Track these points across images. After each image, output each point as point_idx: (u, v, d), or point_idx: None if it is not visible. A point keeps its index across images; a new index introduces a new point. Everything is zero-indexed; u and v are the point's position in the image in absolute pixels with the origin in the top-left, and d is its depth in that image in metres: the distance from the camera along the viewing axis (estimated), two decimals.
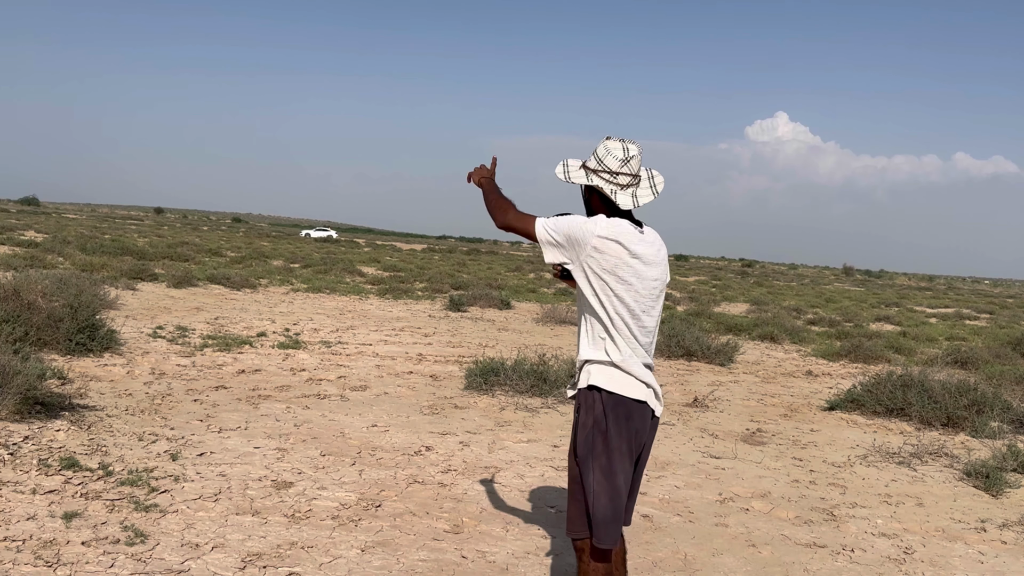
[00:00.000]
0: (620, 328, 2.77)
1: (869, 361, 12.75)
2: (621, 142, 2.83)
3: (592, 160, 2.86)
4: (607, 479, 2.74)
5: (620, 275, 2.75)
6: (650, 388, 2.81)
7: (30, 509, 3.80)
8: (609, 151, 2.81)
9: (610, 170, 2.80)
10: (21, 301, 7.49)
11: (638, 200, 2.82)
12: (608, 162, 2.81)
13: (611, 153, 2.81)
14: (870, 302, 33.88)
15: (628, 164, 2.80)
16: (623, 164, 2.80)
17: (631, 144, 2.83)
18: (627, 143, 2.83)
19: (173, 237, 38.73)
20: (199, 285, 16.00)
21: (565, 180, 2.87)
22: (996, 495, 5.59)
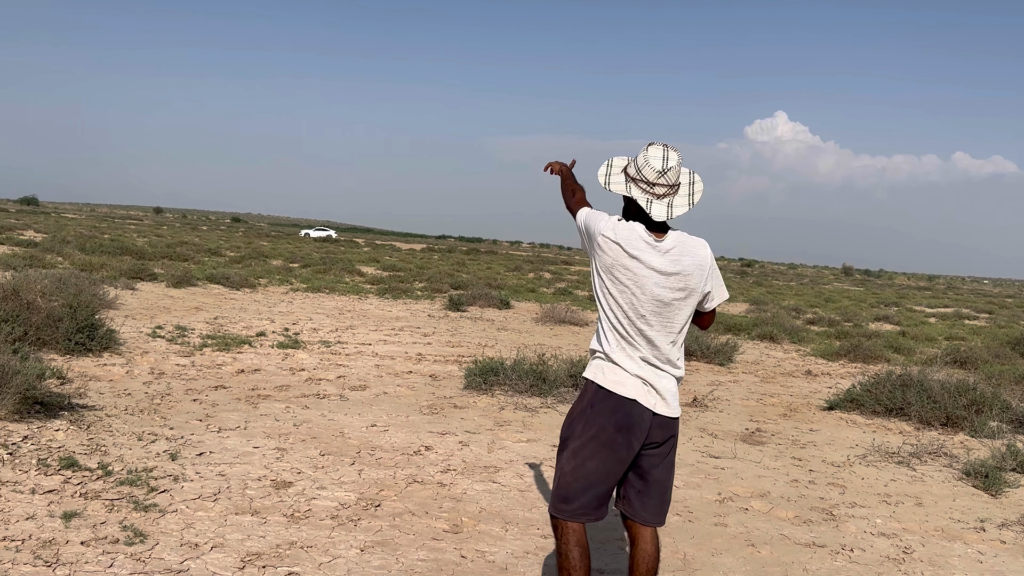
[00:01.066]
0: (616, 325, 2.87)
1: (868, 361, 12.76)
2: (663, 149, 2.86)
3: (632, 166, 2.91)
4: (575, 458, 2.87)
5: (616, 276, 2.85)
6: (649, 387, 2.84)
7: (29, 509, 3.80)
8: (648, 161, 2.85)
9: (648, 180, 2.85)
10: (20, 301, 7.49)
11: (672, 211, 2.85)
12: (646, 172, 2.85)
13: (649, 163, 2.84)
14: (869, 302, 33.90)
15: (665, 175, 2.84)
16: (660, 175, 2.83)
17: (672, 152, 2.86)
18: (668, 151, 2.86)
19: (172, 237, 38.73)
20: (198, 285, 16.00)
21: (604, 187, 2.94)
22: (995, 495, 5.59)
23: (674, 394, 2.90)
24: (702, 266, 2.90)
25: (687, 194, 2.90)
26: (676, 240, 2.88)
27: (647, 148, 2.89)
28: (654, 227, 2.87)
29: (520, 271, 36.26)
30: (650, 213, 2.83)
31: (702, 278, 2.90)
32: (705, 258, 2.91)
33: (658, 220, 2.83)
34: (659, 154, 2.85)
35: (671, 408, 2.88)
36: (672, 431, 2.92)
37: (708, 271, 2.92)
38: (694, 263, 2.88)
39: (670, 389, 2.89)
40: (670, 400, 2.88)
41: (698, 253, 2.90)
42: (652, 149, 2.87)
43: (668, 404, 2.88)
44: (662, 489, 2.96)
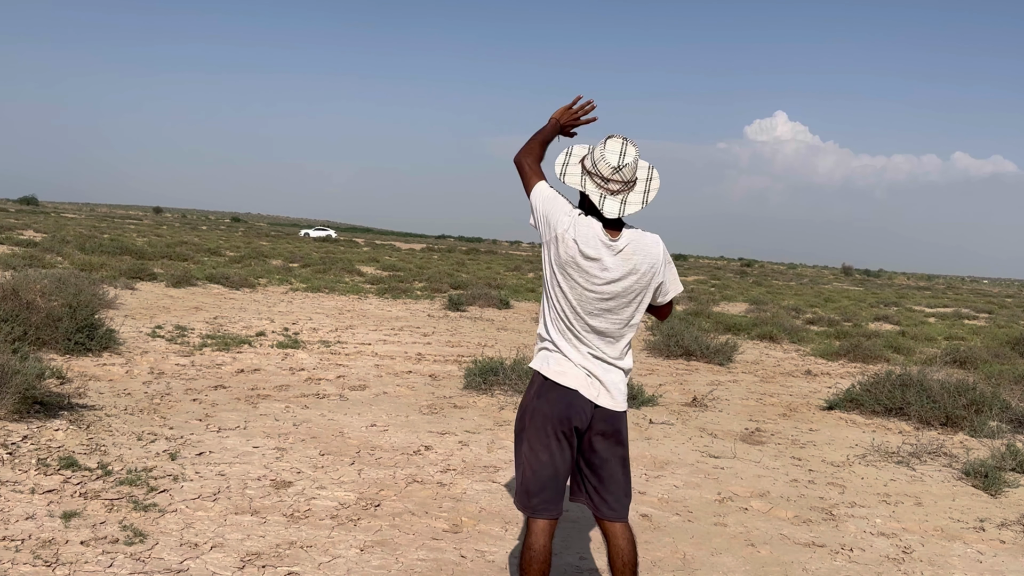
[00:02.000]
0: (563, 316, 2.88)
1: (868, 360, 12.76)
2: (622, 143, 2.82)
3: (589, 159, 2.87)
4: (530, 451, 2.89)
5: (568, 272, 2.84)
6: (593, 378, 2.86)
7: (29, 508, 3.80)
8: (604, 155, 2.81)
9: (602, 175, 2.82)
10: (20, 300, 7.49)
11: (626, 208, 2.82)
12: (601, 167, 2.82)
13: (605, 158, 2.81)
14: (869, 301, 33.90)
15: (620, 172, 2.81)
16: (615, 172, 2.80)
17: (630, 147, 2.82)
18: (627, 146, 2.81)
19: (172, 236, 38.72)
20: (198, 285, 15.99)
21: (559, 178, 2.90)
22: (995, 494, 5.59)
23: (620, 387, 2.90)
24: (654, 264, 2.89)
25: (643, 191, 2.87)
26: (630, 238, 2.86)
27: (605, 141, 2.84)
28: (609, 224, 2.85)
29: (520, 271, 36.27)
30: (602, 210, 2.81)
31: (654, 275, 2.90)
32: (658, 255, 2.90)
33: (610, 217, 2.81)
34: (616, 148, 2.81)
35: (615, 401, 2.88)
36: (617, 424, 2.91)
37: (661, 267, 2.91)
38: (646, 261, 2.87)
39: (615, 382, 2.89)
40: (614, 393, 2.88)
41: (651, 251, 2.88)
42: (610, 143, 2.83)
43: (612, 397, 2.88)
44: (618, 483, 2.95)
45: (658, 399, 8.07)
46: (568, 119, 3.12)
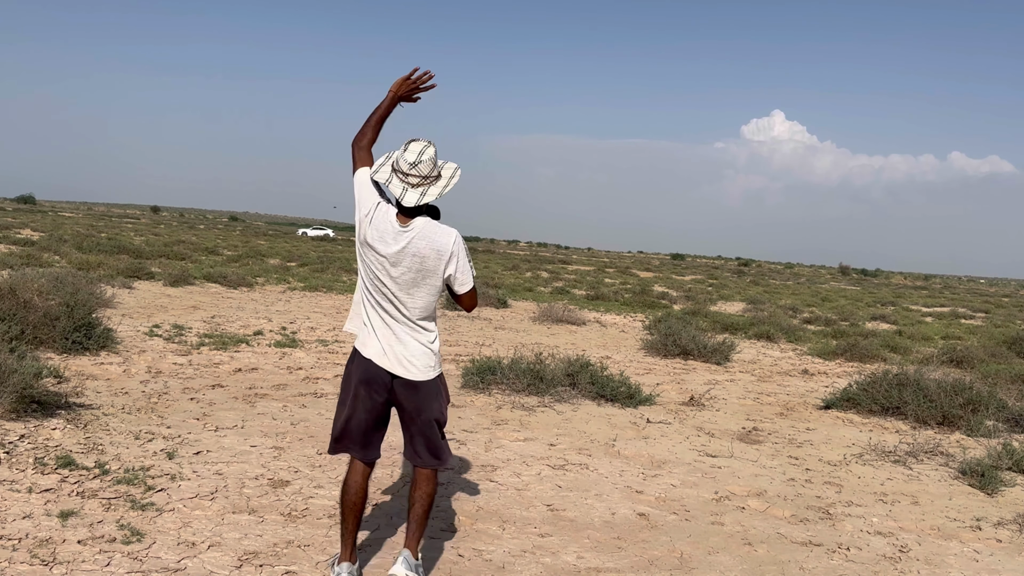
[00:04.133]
0: (366, 291, 3.31)
1: (865, 360, 12.78)
2: (421, 146, 3.21)
3: (395, 159, 3.28)
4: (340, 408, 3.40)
5: (364, 252, 3.28)
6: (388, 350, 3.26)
7: (26, 508, 3.80)
8: (404, 155, 3.22)
9: (403, 171, 3.22)
10: (17, 299, 7.48)
11: (423, 199, 3.21)
12: (401, 164, 3.22)
13: (405, 157, 3.22)
14: (866, 301, 33.96)
15: (416, 167, 3.20)
16: (412, 167, 3.20)
17: (429, 148, 3.22)
18: (426, 148, 3.21)
19: (170, 236, 38.68)
20: (196, 284, 15.98)
21: (372, 175, 3.29)
22: (991, 494, 5.60)
23: (415, 358, 3.28)
24: (440, 251, 3.25)
25: (443, 185, 3.27)
26: (421, 227, 3.24)
27: (408, 144, 3.24)
28: (404, 212, 3.25)
29: (517, 270, 36.28)
30: (402, 200, 3.21)
31: (439, 261, 3.25)
32: (445, 245, 3.26)
33: (407, 206, 3.21)
34: (416, 149, 3.22)
35: (410, 372, 3.27)
36: (414, 390, 3.30)
37: (449, 257, 3.27)
38: (431, 247, 3.23)
39: (409, 354, 3.27)
40: (408, 365, 3.27)
41: (439, 241, 3.25)
42: (412, 145, 3.23)
43: (406, 368, 3.27)
44: (425, 439, 3.40)
45: (655, 398, 8.08)
46: (406, 89, 3.47)
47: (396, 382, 3.29)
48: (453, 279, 3.33)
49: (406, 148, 3.23)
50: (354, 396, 3.32)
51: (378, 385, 3.29)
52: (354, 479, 3.40)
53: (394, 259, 3.22)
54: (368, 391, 3.30)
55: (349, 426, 3.36)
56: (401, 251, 3.21)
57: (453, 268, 3.30)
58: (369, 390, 3.29)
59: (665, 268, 64.29)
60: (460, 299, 3.43)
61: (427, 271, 3.25)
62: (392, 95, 3.46)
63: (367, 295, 3.32)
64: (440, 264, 3.27)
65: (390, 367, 3.27)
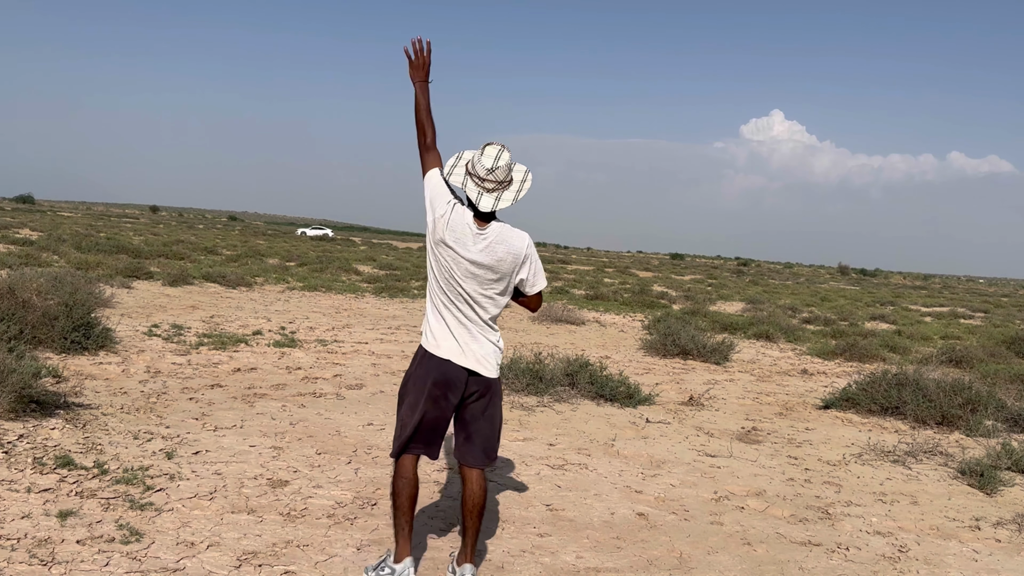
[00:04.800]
0: (439, 291, 3.34)
1: (864, 360, 12.78)
2: (497, 151, 3.26)
3: (470, 163, 3.31)
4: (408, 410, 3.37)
5: (439, 253, 3.30)
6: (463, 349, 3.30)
7: (25, 508, 3.79)
8: (481, 159, 3.26)
9: (479, 176, 3.27)
10: (16, 299, 7.47)
11: (499, 204, 3.27)
12: (477, 169, 3.27)
13: (481, 162, 3.26)
14: (865, 301, 33.96)
15: (493, 173, 3.25)
16: (489, 173, 3.25)
17: (504, 153, 3.26)
18: (502, 152, 3.26)
19: (168, 235, 38.65)
20: (195, 283, 15.97)
21: (445, 176, 3.34)
22: (990, 493, 5.61)
23: (487, 356, 3.34)
24: (516, 255, 3.32)
25: (516, 190, 3.31)
26: (497, 230, 3.30)
27: (484, 148, 3.29)
28: (480, 215, 3.29)
29: None
30: (478, 205, 3.26)
31: (514, 264, 3.33)
32: (520, 248, 3.33)
33: (484, 211, 3.26)
34: (492, 154, 3.26)
35: (485, 369, 3.34)
36: (487, 387, 3.37)
37: (523, 260, 3.35)
38: (508, 251, 3.30)
39: (484, 352, 3.33)
40: (485, 362, 3.33)
41: (514, 244, 3.32)
42: (488, 149, 3.28)
43: (482, 365, 3.33)
44: (485, 438, 3.44)
45: (655, 398, 8.08)
46: (423, 73, 3.49)
47: (470, 380, 3.34)
48: (524, 282, 3.41)
49: (483, 152, 3.28)
50: (428, 397, 3.32)
51: (455, 385, 3.32)
52: (409, 474, 3.41)
53: (472, 261, 3.27)
54: (444, 391, 3.32)
55: (421, 428, 3.36)
56: (479, 254, 3.26)
57: (526, 271, 3.39)
58: (446, 390, 3.32)
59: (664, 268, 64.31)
60: (528, 301, 3.50)
61: (503, 274, 3.32)
62: (419, 84, 3.49)
63: (439, 295, 3.34)
64: (515, 267, 3.35)
65: (468, 365, 3.31)
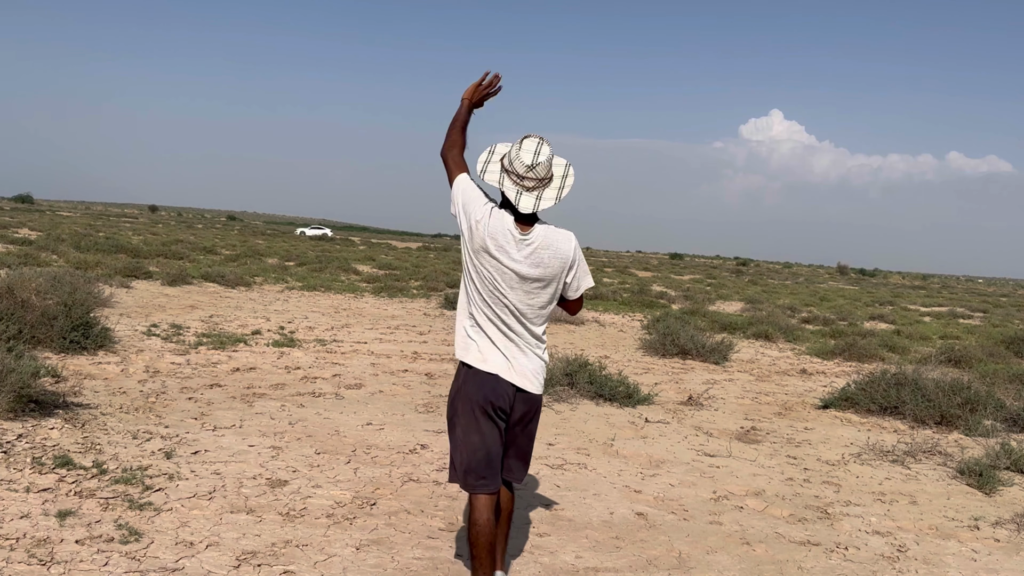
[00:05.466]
0: (480, 303, 3.06)
1: (863, 359, 12.79)
2: (537, 143, 2.99)
3: (507, 158, 3.05)
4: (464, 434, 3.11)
5: (481, 261, 3.02)
6: (511, 364, 3.05)
7: (24, 507, 3.79)
8: (519, 155, 2.99)
9: (518, 173, 2.99)
10: (15, 299, 7.47)
11: (540, 204, 2.99)
12: (516, 165, 2.99)
13: (520, 157, 2.98)
14: (864, 300, 33.98)
15: (534, 170, 2.98)
16: (529, 170, 2.98)
17: (544, 147, 2.99)
18: (541, 146, 2.99)
19: (167, 235, 38.64)
20: (194, 283, 15.97)
21: (479, 175, 3.08)
22: (989, 493, 5.61)
23: (536, 372, 3.10)
24: (564, 259, 3.06)
25: (558, 187, 3.04)
26: (541, 234, 3.03)
27: (522, 141, 3.01)
28: (522, 218, 3.02)
29: None
30: (517, 206, 2.98)
31: (562, 270, 3.08)
32: (567, 252, 3.07)
33: (524, 212, 2.98)
34: (531, 148, 2.98)
35: (533, 385, 3.09)
36: (534, 405, 3.13)
37: (570, 263, 3.09)
38: (555, 256, 3.04)
39: (533, 367, 3.09)
40: (533, 377, 3.09)
41: (561, 248, 3.06)
42: (526, 142, 3.00)
43: (530, 381, 3.08)
44: (523, 455, 3.27)
45: (654, 398, 8.08)
46: (479, 96, 3.27)
47: (517, 397, 3.08)
48: (568, 286, 3.16)
49: (520, 146, 3.01)
50: (483, 417, 3.05)
51: (504, 402, 3.05)
52: (486, 515, 3.09)
53: (517, 269, 2.99)
54: (495, 409, 3.05)
55: (479, 455, 3.07)
56: (524, 260, 3.00)
57: (573, 275, 3.14)
58: (496, 408, 3.05)
59: (663, 267, 64.32)
60: (568, 305, 3.26)
61: (550, 280, 3.07)
62: (468, 103, 3.25)
63: (481, 306, 3.05)
64: (563, 272, 3.09)
65: (517, 381, 3.05)
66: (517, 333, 3.06)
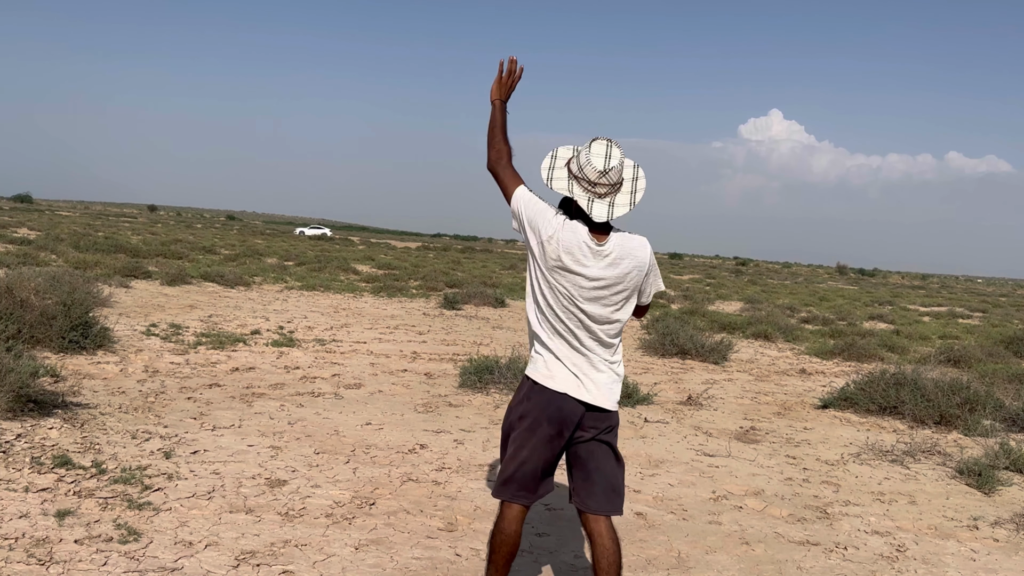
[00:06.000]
0: (551, 319, 2.88)
1: (862, 359, 12.79)
2: (607, 146, 2.81)
3: (575, 162, 2.86)
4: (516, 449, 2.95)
5: (555, 278, 2.84)
6: (581, 380, 2.87)
7: (23, 507, 3.79)
8: (590, 160, 2.80)
9: (589, 179, 2.80)
10: (14, 299, 7.46)
11: (614, 211, 2.81)
12: (587, 171, 2.80)
13: (591, 162, 2.79)
14: (863, 300, 33.98)
15: (607, 175, 2.80)
16: (601, 175, 2.79)
17: (615, 149, 2.81)
18: (612, 148, 2.81)
19: (167, 235, 38.61)
20: (193, 283, 15.96)
21: (546, 183, 2.88)
22: (988, 493, 5.61)
23: (610, 386, 2.91)
24: (641, 268, 2.90)
25: (629, 191, 2.86)
26: (617, 243, 2.85)
27: (590, 144, 2.83)
28: (595, 227, 2.83)
29: (515, 269, 36.24)
30: (591, 214, 2.79)
31: (640, 279, 2.92)
32: (645, 259, 2.91)
33: (598, 221, 2.80)
34: (602, 152, 2.80)
35: (607, 401, 2.90)
36: (608, 422, 2.94)
37: (647, 271, 2.94)
38: (634, 265, 2.88)
39: (603, 382, 2.90)
40: (608, 393, 2.90)
41: (638, 255, 2.89)
42: (595, 146, 2.81)
43: (604, 397, 2.90)
44: (610, 477, 2.97)
45: (653, 397, 8.08)
46: (505, 90, 3.10)
47: (587, 415, 2.90)
48: (642, 292, 2.99)
49: (589, 150, 2.82)
50: (539, 437, 2.89)
51: (570, 422, 2.88)
52: (514, 527, 2.96)
53: (593, 282, 2.82)
54: (558, 429, 2.88)
55: (525, 469, 2.92)
56: (602, 273, 2.82)
57: (648, 281, 2.97)
58: (560, 427, 2.88)
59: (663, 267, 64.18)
60: (637, 310, 3.06)
61: (629, 290, 2.90)
62: (498, 103, 3.07)
63: (553, 321, 2.87)
64: (639, 280, 2.92)
65: (587, 398, 2.87)
66: (589, 348, 2.89)
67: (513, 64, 3.08)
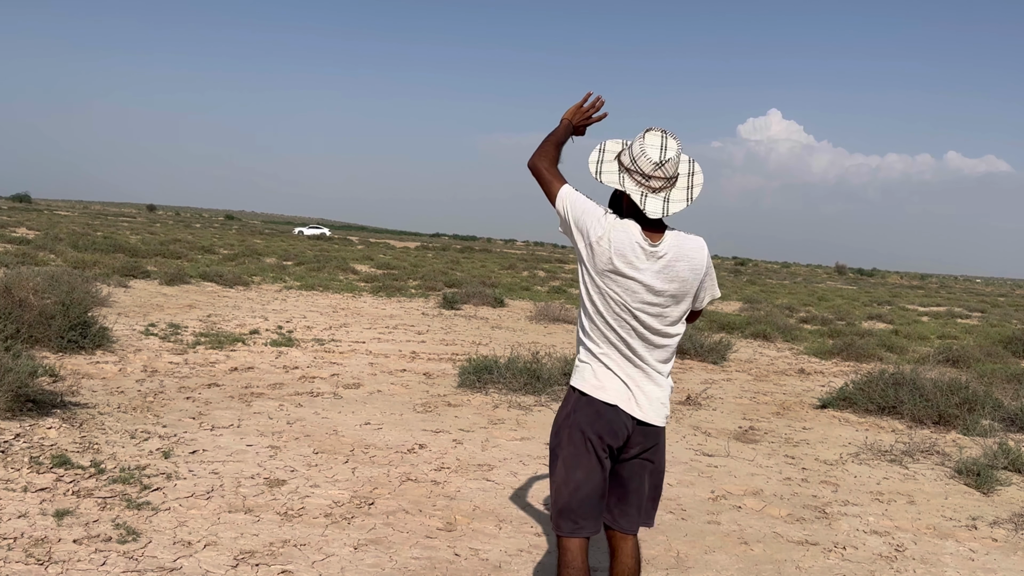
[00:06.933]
0: (602, 327, 2.67)
1: (861, 359, 12.80)
2: (662, 137, 2.62)
3: (627, 155, 2.67)
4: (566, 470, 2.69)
5: (606, 282, 2.64)
6: (632, 392, 2.67)
7: (21, 507, 3.79)
8: (644, 150, 2.61)
9: (643, 172, 2.61)
10: (12, 298, 7.46)
11: (669, 207, 2.61)
12: (641, 163, 2.61)
13: (646, 153, 2.60)
14: (862, 300, 34.00)
15: (663, 167, 2.60)
16: (657, 168, 2.59)
17: (671, 140, 2.62)
18: (667, 139, 2.62)
19: (165, 234, 38.60)
20: (192, 282, 15.95)
21: (595, 177, 2.70)
22: (987, 493, 5.61)
23: (662, 401, 2.71)
24: (697, 270, 2.69)
25: (686, 187, 2.66)
26: (673, 243, 2.65)
27: (644, 135, 2.64)
28: (649, 225, 2.62)
29: (514, 269, 36.25)
30: (644, 210, 2.59)
31: (696, 282, 2.70)
32: (702, 261, 2.69)
33: (653, 217, 2.60)
34: (657, 143, 2.60)
35: (657, 416, 2.69)
36: (656, 439, 2.74)
37: (703, 274, 2.71)
38: (690, 268, 2.67)
39: (656, 396, 2.69)
40: (659, 407, 2.70)
41: (695, 257, 2.68)
42: (649, 136, 2.62)
43: (655, 412, 2.69)
44: (643, 498, 2.80)
45: None
46: (580, 119, 2.91)
47: (636, 431, 2.68)
48: (696, 297, 2.76)
49: (644, 140, 2.62)
50: (591, 453, 2.64)
51: (619, 437, 2.65)
52: (579, 560, 2.71)
53: (650, 287, 2.61)
54: (606, 445, 2.65)
55: (581, 494, 2.66)
56: (656, 276, 2.61)
57: (703, 285, 2.75)
58: (612, 442, 2.65)
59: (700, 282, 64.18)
60: (690, 315, 2.83)
61: (685, 293, 2.68)
62: (567, 123, 2.88)
63: (603, 328, 2.66)
64: (696, 282, 2.70)
65: (640, 414, 2.65)
66: (642, 357, 2.67)
67: (598, 101, 2.93)
